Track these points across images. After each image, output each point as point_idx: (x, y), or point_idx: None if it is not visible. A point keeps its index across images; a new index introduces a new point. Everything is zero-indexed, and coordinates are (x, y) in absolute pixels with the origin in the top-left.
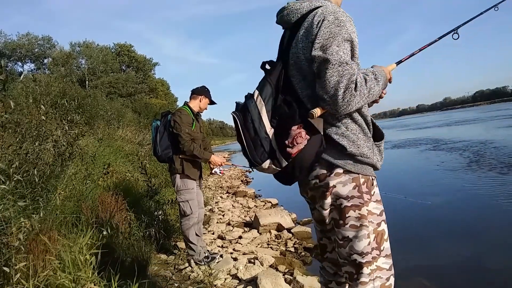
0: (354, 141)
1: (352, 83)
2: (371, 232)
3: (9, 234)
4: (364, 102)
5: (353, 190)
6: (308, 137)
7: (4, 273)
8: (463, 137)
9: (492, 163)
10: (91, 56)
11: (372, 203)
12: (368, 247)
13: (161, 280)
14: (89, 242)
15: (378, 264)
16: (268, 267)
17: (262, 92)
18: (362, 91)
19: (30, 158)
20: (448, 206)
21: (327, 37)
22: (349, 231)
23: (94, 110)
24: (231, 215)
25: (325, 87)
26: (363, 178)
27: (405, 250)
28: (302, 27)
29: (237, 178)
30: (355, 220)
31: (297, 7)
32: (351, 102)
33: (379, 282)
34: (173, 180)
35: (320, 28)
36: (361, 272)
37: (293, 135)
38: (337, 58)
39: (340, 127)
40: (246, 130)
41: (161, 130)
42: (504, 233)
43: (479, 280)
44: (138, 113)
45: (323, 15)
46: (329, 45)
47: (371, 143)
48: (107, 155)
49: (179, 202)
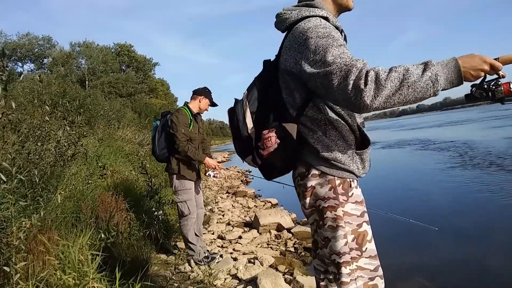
0: (328, 146)
1: (359, 79)
2: (349, 232)
3: (9, 234)
4: (389, 96)
5: (329, 192)
6: (279, 141)
7: (4, 273)
8: (450, 137)
9: (480, 162)
10: (91, 56)
11: (350, 204)
12: (345, 247)
13: (161, 280)
14: (89, 242)
15: (359, 264)
16: (268, 267)
17: (249, 93)
18: (380, 85)
19: (32, 158)
20: (448, 207)
21: (318, 52)
22: (327, 231)
23: (94, 110)
24: (231, 215)
25: (337, 94)
26: (339, 180)
27: (405, 250)
28: (288, 39)
29: (237, 178)
30: (332, 221)
31: (286, 16)
32: (362, 99)
33: (361, 281)
34: (170, 181)
35: (306, 46)
36: (340, 272)
37: (263, 138)
38: (335, 66)
39: (317, 132)
40: (233, 128)
41: (160, 130)
42: (504, 232)
43: (479, 280)
44: (138, 113)
45: (305, 33)
46: (323, 58)
47: (352, 150)
48: (107, 155)
49: (177, 202)
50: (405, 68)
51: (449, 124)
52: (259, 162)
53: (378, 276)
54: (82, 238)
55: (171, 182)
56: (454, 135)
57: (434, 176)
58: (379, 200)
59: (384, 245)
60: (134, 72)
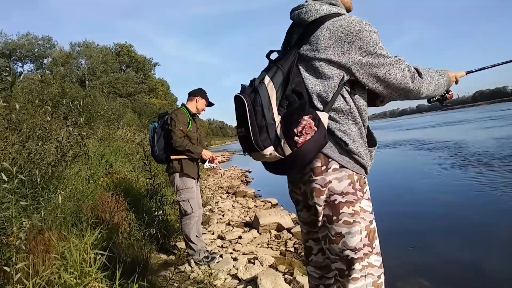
0: (354, 140)
1: (414, 72)
2: (363, 228)
3: (9, 234)
4: (430, 87)
5: (348, 187)
6: (316, 129)
7: (5, 273)
8: (443, 138)
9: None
10: (91, 56)
11: (365, 201)
12: (360, 243)
13: (161, 280)
14: (102, 242)
15: (370, 261)
16: (268, 267)
17: (273, 78)
18: (426, 77)
19: (33, 158)
20: (447, 206)
21: (372, 44)
22: (342, 227)
23: (94, 110)
24: (231, 215)
25: (394, 86)
26: (356, 175)
27: (405, 250)
28: (327, 29)
29: (237, 178)
30: (349, 216)
31: (317, 7)
32: (421, 87)
33: (371, 279)
34: (171, 180)
35: (361, 39)
36: (352, 268)
37: (303, 124)
38: (391, 59)
39: (343, 125)
40: (254, 114)
41: (159, 131)
42: (504, 232)
43: (479, 280)
44: (138, 113)
45: (356, 25)
46: (379, 51)
47: (365, 147)
48: (107, 155)
49: (180, 201)
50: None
51: (444, 124)
52: (288, 152)
53: (382, 273)
54: (87, 238)
55: (172, 182)
56: (447, 136)
57: (428, 175)
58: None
59: (384, 245)
60: (134, 72)
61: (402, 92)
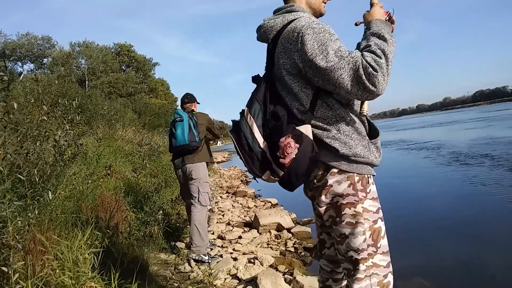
0: (346, 143)
1: (367, 68)
2: (367, 229)
3: (6, 234)
4: (389, 72)
5: (348, 188)
6: (298, 145)
7: (3, 273)
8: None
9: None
10: (91, 56)
11: (368, 201)
12: (363, 244)
13: (161, 280)
14: (90, 241)
15: (375, 261)
16: (268, 267)
17: (251, 109)
18: (380, 64)
19: (31, 158)
20: (447, 205)
21: (318, 48)
22: (345, 228)
23: (94, 110)
24: (231, 215)
25: (346, 88)
26: (357, 176)
27: (405, 250)
28: (280, 43)
29: (237, 178)
30: (351, 218)
31: (271, 24)
32: (379, 82)
33: (376, 279)
34: (195, 169)
35: (303, 43)
36: (357, 268)
37: (282, 146)
38: (336, 60)
39: (331, 131)
40: (242, 148)
41: (190, 124)
42: (504, 232)
43: (479, 280)
44: (138, 113)
45: (300, 31)
46: (325, 54)
47: (367, 141)
48: (107, 155)
49: (202, 192)
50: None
51: (432, 125)
52: (281, 173)
53: (390, 272)
54: (79, 238)
55: (197, 171)
56: (431, 136)
57: (422, 174)
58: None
59: None
60: (134, 72)
61: (365, 92)
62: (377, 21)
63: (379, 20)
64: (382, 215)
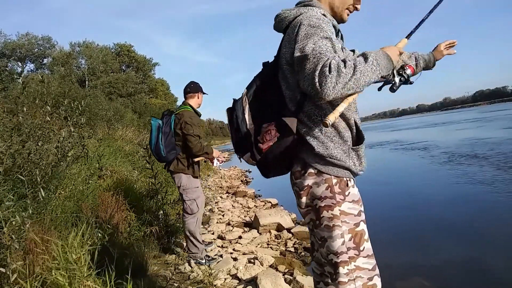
0: (324, 143)
1: (325, 66)
2: (346, 232)
3: (2, 234)
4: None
5: (325, 191)
6: (278, 135)
7: (2, 274)
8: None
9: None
10: (91, 56)
11: (347, 203)
12: (342, 247)
13: (161, 280)
14: (85, 241)
15: (357, 264)
16: (268, 267)
17: (248, 91)
18: (340, 72)
19: (33, 158)
20: (447, 206)
21: (304, 39)
22: (324, 231)
23: (94, 110)
24: (231, 215)
25: (305, 79)
26: (335, 179)
27: (405, 250)
28: (286, 33)
29: (237, 178)
30: (328, 220)
31: (286, 15)
32: (326, 85)
33: (361, 282)
34: (177, 179)
35: (297, 33)
36: (337, 271)
37: (262, 132)
38: (312, 52)
39: (313, 129)
40: (231, 125)
41: (166, 131)
42: (504, 232)
43: (479, 280)
44: (139, 114)
45: (299, 21)
46: (305, 44)
47: (348, 147)
48: (107, 155)
49: (186, 200)
50: (353, 58)
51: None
52: (258, 157)
53: (376, 275)
54: (71, 237)
55: (178, 181)
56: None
57: (416, 174)
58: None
59: (383, 244)
60: (134, 72)
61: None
62: (381, 50)
63: (383, 51)
64: (364, 217)
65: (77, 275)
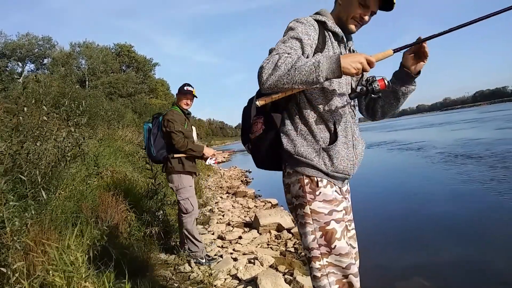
0: (293, 140)
1: (268, 60)
2: (316, 229)
3: (4, 234)
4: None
5: (298, 190)
6: (264, 127)
7: (3, 274)
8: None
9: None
10: (91, 56)
11: (317, 203)
12: (313, 243)
13: (161, 280)
14: (88, 242)
15: (330, 260)
16: (268, 267)
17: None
18: (277, 66)
19: (32, 158)
20: (447, 206)
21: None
22: (300, 228)
23: (94, 110)
24: (231, 215)
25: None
26: (307, 179)
27: (405, 250)
28: None
29: (237, 178)
30: (301, 218)
31: None
32: (261, 75)
33: (334, 277)
34: (170, 180)
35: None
36: (311, 266)
37: (252, 123)
38: (274, 49)
39: (287, 126)
40: (243, 118)
41: (154, 132)
42: (504, 231)
43: (479, 280)
44: (139, 114)
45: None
46: (277, 42)
47: (319, 146)
48: (107, 155)
49: (180, 200)
50: (298, 56)
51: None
52: (250, 146)
53: (352, 274)
54: (67, 238)
55: (170, 181)
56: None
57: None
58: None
59: (383, 244)
60: (134, 72)
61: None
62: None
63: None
64: (339, 217)
65: (75, 277)
